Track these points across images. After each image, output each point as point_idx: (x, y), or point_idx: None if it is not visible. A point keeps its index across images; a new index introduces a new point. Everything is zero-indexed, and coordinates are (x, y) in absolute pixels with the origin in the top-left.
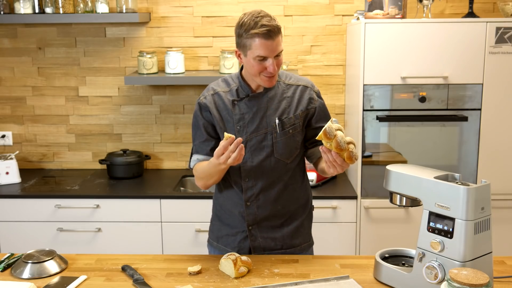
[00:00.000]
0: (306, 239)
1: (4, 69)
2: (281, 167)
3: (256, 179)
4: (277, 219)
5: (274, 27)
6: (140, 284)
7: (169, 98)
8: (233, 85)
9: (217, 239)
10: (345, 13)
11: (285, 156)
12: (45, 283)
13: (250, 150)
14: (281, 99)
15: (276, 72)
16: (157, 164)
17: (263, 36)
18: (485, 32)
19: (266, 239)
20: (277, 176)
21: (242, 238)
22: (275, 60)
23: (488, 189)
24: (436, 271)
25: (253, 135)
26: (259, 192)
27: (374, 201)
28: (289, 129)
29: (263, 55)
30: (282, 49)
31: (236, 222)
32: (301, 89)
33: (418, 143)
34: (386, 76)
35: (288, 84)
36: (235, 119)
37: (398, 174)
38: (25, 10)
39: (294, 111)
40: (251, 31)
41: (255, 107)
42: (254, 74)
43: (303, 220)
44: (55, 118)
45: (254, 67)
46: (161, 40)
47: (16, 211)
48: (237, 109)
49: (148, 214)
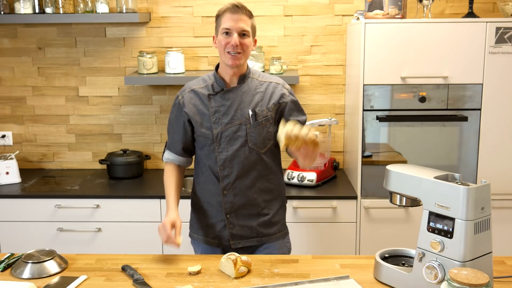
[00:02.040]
0: (281, 229)
1: (4, 69)
2: (255, 157)
3: (231, 168)
4: (253, 208)
5: (242, 6)
6: (140, 284)
7: (169, 98)
8: (209, 81)
9: (197, 231)
10: (345, 13)
11: (259, 146)
12: (45, 283)
13: (225, 140)
14: (255, 93)
15: (239, 49)
16: (157, 164)
17: (229, 10)
18: (485, 32)
19: (243, 227)
20: (251, 165)
21: (221, 227)
22: (240, 39)
23: (488, 189)
24: (436, 271)
25: (228, 126)
26: (235, 180)
27: (374, 201)
28: (262, 120)
29: (227, 27)
30: (248, 31)
31: (214, 212)
32: (273, 85)
33: (418, 143)
34: (386, 76)
35: (261, 81)
36: (211, 112)
37: (398, 174)
38: (25, 10)
39: (266, 104)
40: (223, 8)
41: (229, 100)
42: (221, 53)
43: (277, 210)
44: (55, 118)
45: (220, 42)
46: (161, 40)
47: (16, 211)
48: (213, 102)
49: (148, 214)
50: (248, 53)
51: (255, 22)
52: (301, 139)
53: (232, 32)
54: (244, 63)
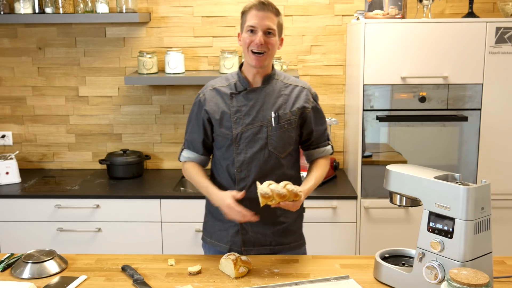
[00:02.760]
0: (296, 239)
1: (4, 69)
2: (274, 161)
3: (249, 171)
4: (269, 215)
5: (269, 3)
6: (140, 284)
7: (169, 98)
8: (232, 80)
9: (210, 235)
10: (345, 13)
11: (279, 150)
12: (45, 283)
13: (245, 141)
14: (279, 95)
15: (263, 48)
16: (157, 164)
17: (255, 7)
18: (485, 32)
19: (257, 234)
20: (269, 170)
21: (234, 232)
22: (266, 37)
23: (488, 189)
24: (436, 271)
25: (248, 127)
26: (252, 184)
27: (374, 201)
28: (285, 123)
29: (252, 24)
30: (274, 29)
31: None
32: (298, 89)
33: (418, 143)
34: (386, 76)
35: (286, 83)
36: (232, 111)
37: (398, 174)
38: (25, 10)
39: (290, 108)
40: (249, 5)
41: (252, 100)
42: (245, 51)
43: (295, 219)
44: (55, 118)
45: (245, 40)
46: (161, 40)
47: (16, 211)
48: (235, 102)
49: (148, 214)
50: (273, 52)
51: (283, 20)
52: (277, 196)
53: (257, 30)
54: (269, 63)
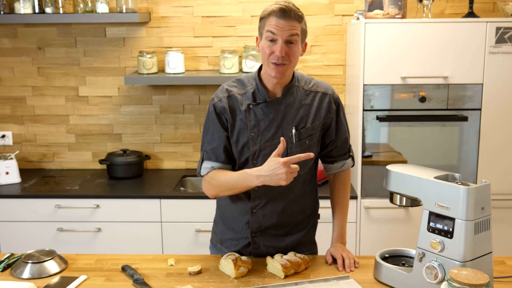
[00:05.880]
0: (309, 248)
1: (4, 69)
2: (293, 179)
3: (266, 189)
4: (282, 228)
5: (291, 9)
6: (140, 284)
7: (169, 98)
8: (249, 87)
9: (220, 242)
10: (345, 13)
11: (300, 168)
12: (45, 283)
13: (263, 159)
14: (299, 107)
15: (284, 60)
16: (157, 164)
17: (276, 14)
18: (485, 32)
19: (268, 247)
20: (288, 188)
21: (244, 244)
22: (287, 47)
23: (488, 189)
24: (436, 271)
25: (267, 144)
26: (267, 202)
27: (374, 201)
28: (306, 140)
29: (273, 31)
30: (297, 39)
31: (240, 227)
32: (320, 96)
33: (418, 143)
34: (386, 76)
35: (307, 90)
36: (250, 125)
37: (398, 174)
38: (25, 10)
39: (312, 121)
40: (268, 9)
41: (272, 113)
42: (264, 60)
43: (309, 229)
44: (55, 118)
45: (264, 49)
46: (161, 40)
47: (16, 211)
48: (253, 114)
49: (148, 214)
50: (294, 63)
51: (306, 23)
52: (295, 264)
53: (277, 39)
54: (290, 73)
